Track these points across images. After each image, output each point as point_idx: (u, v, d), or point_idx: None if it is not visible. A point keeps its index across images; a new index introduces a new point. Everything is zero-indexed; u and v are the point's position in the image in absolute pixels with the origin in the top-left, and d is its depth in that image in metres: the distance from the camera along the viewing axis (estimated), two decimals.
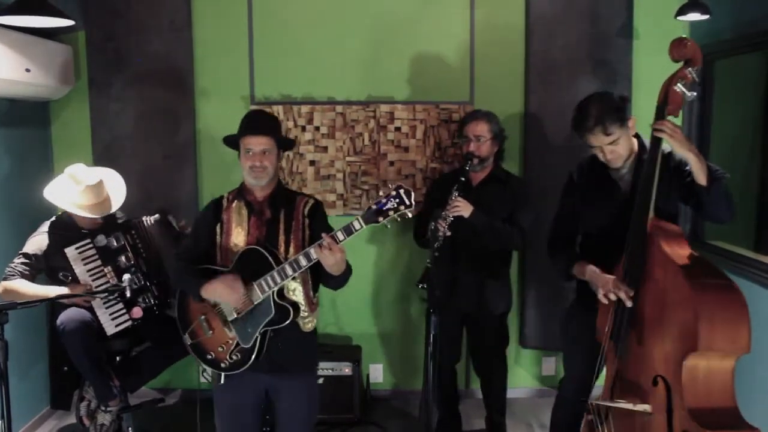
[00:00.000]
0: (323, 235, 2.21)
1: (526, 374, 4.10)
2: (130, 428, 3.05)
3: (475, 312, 3.26)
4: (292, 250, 2.36)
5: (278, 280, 2.28)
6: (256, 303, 2.32)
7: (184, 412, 3.75)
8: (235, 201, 2.45)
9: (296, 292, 2.39)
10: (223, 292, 2.31)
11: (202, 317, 2.45)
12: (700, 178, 2.21)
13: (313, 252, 2.23)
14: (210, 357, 2.44)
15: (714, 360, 2.04)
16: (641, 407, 2.17)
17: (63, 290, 2.89)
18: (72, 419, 3.38)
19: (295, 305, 2.36)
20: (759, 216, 3.35)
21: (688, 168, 2.34)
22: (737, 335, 2.02)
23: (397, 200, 2.17)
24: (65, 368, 3.05)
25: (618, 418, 2.31)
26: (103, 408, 2.98)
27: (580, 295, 2.65)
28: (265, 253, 2.31)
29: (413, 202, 2.17)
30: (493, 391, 3.43)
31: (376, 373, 4.07)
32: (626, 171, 2.44)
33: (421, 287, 2.87)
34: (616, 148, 2.36)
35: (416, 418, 3.74)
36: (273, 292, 2.30)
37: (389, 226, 2.22)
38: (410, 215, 2.19)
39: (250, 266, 2.32)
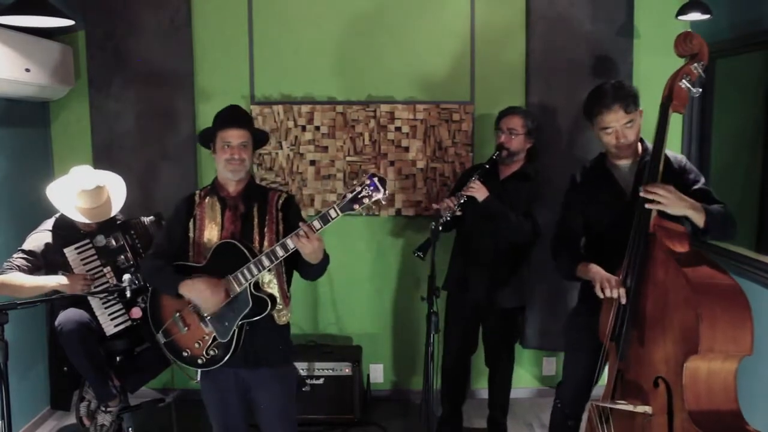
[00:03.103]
0: (300, 223, 2.23)
1: (526, 374, 4.10)
2: (130, 428, 3.04)
3: (486, 305, 3.28)
4: (266, 243, 2.37)
5: (255, 271, 2.28)
6: (232, 296, 2.32)
7: (184, 412, 3.74)
8: (208, 197, 2.46)
9: (271, 284, 2.40)
10: (205, 293, 2.29)
11: (177, 314, 2.43)
12: (698, 222, 2.22)
13: (289, 242, 2.24)
14: (186, 354, 2.43)
15: (716, 362, 2.03)
16: (642, 409, 2.16)
17: (61, 279, 2.86)
18: (72, 419, 3.38)
19: (272, 297, 2.36)
20: (759, 216, 3.35)
21: (691, 176, 2.38)
22: (739, 337, 2.00)
23: (372, 188, 2.19)
24: (65, 368, 3.04)
25: (619, 419, 2.30)
26: (103, 408, 2.98)
27: (583, 299, 2.64)
28: (241, 247, 2.31)
29: (386, 190, 2.20)
30: (497, 385, 3.45)
31: (376, 373, 4.07)
32: (629, 173, 2.44)
33: (418, 255, 2.93)
34: (629, 132, 2.35)
35: (416, 418, 3.74)
36: (250, 285, 2.31)
37: (364, 214, 2.25)
38: (384, 203, 2.23)
39: (226, 260, 2.32)
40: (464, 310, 3.34)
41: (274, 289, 2.40)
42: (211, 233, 2.41)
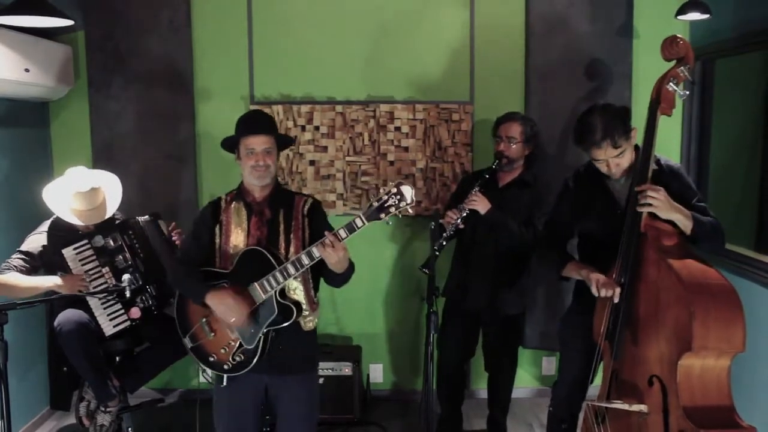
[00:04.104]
0: (326, 232, 2.22)
1: (526, 374, 4.10)
2: (129, 428, 3.04)
3: (487, 312, 3.28)
4: (292, 249, 2.36)
5: (281, 279, 2.28)
6: (258, 303, 2.32)
7: (184, 412, 3.75)
8: (234, 202, 2.45)
9: (297, 291, 2.39)
10: (229, 311, 2.30)
11: (204, 320, 2.44)
12: (685, 229, 2.24)
13: (315, 250, 2.23)
14: (212, 359, 2.44)
15: (709, 359, 2.05)
16: (637, 407, 2.17)
17: (56, 280, 2.86)
18: (71, 420, 3.38)
19: (298, 304, 2.36)
20: (759, 216, 3.35)
21: (687, 190, 2.37)
22: (732, 334, 2.02)
23: (398, 197, 2.17)
24: (65, 369, 3.05)
25: (615, 418, 2.31)
26: (103, 408, 2.98)
27: (578, 298, 2.64)
28: (266, 254, 2.31)
29: (414, 199, 2.18)
30: (498, 390, 3.45)
31: (376, 373, 4.07)
32: (624, 184, 2.43)
33: (423, 271, 2.91)
34: (621, 160, 2.34)
35: (416, 418, 3.74)
36: (275, 292, 2.30)
37: (390, 223, 2.23)
38: (411, 211, 2.20)
39: (252, 267, 2.32)
40: (464, 317, 3.32)
41: (300, 295, 2.39)
42: (237, 239, 2.40)
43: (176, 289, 2.53)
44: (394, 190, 2.17)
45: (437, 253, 2.91)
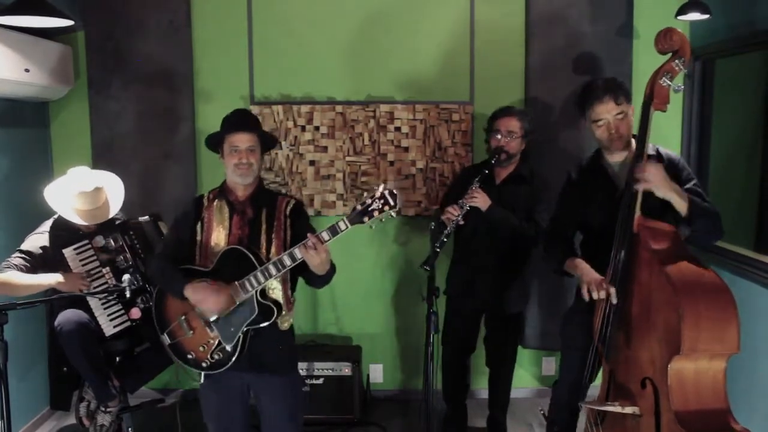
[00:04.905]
0: (309, 235, 2.22)
1: (526, 374, 4.10)
2: (130, 429, 3.04)
3: (492, 310, 3.28)
4: (273, 249, 2.37)
5: (262, 279, 2.28)
6: (238, 302, 2.32)
7: (183, 413, 3.74)
8: (216, 200, 2.45)
9: (276, 291, 2.40)
10: (208, 298, 2.29)
11: (182, 317, 2.43)
12: (681, 210, 2.23)
13: (297, 252, 2.23)
14: (190, 357, 2.44)
15: (702, 361, 2.01)
16: (630, 409, 2.15)
17: (58, 277, 2.85)
18: (72, 420, 3.37)
19: (278, 304, 2.36)
20: (759, 216, 3.35)
21: (683, 174, 2.38)
22: (725, 335, 1.98)
23: (382, 201, 2.18)
24: (65, 369, 3.04)
25: (611, 420, 2.30)
26: (103, 408, 2.97)
27: (579, 298, 2.64)
28: (248, 253, 2.31)
29: (398, 204, 2.19)
30: (499, 386, 3.46)
31: (376, 373, 4.07)
32: (622, 170, 2.44)
33: (425, 269, 2.90)
34: (621, 124, 2.38)
35: (416, 418, 3.74)
36: (256, 292, 2.31)
37: (373, 227, 2.23)
38: (394, 216, 2.22)
39: (232, 266, 2.32)
40: (466, 315, 3.33)
41: (278, 294, 2.40)
42: (219, 237, 2.40)
43: (155, 282, 2.53)
44: (379, 194, 2.19)
45: (438, 250, 2.90)
